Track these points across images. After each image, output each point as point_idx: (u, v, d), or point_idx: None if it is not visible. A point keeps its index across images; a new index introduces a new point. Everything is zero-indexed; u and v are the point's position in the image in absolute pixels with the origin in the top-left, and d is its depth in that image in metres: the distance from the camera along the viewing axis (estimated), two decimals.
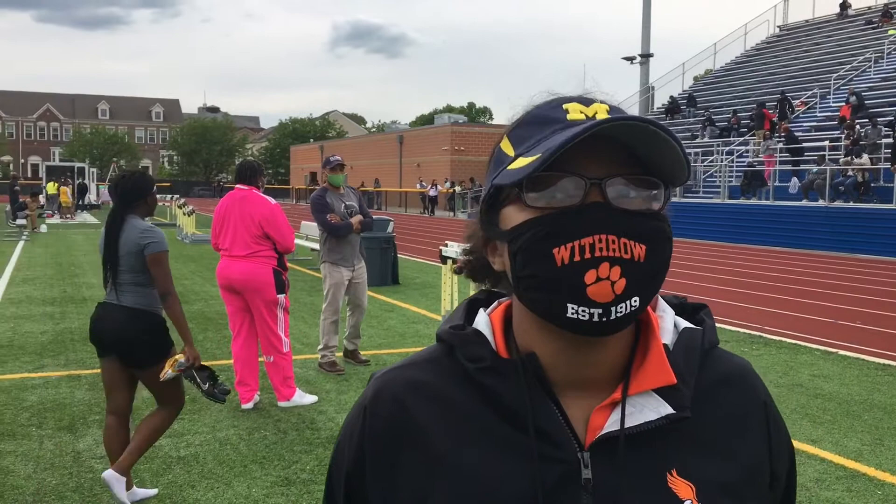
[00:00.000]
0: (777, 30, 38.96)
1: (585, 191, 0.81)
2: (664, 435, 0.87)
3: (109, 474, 4.07)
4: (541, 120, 0.87)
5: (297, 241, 16.08)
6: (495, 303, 0.98)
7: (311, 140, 73.88)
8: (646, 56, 38.17)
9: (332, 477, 0.99)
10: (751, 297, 11.61)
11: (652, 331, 0.91)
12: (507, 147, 0.89)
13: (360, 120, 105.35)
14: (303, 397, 6.06)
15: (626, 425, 0.86)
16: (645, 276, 0.82)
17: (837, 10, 36.54)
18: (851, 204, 19.80)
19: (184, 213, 22.80)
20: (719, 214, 22.79)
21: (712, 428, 0.90)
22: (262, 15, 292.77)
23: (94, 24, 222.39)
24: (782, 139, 24.31)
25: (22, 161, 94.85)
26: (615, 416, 0.86)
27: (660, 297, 0.96)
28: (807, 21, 37.90)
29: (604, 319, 0.81)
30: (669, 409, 0.87)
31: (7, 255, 17.31)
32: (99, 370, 4.40)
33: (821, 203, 20.35)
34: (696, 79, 39.61)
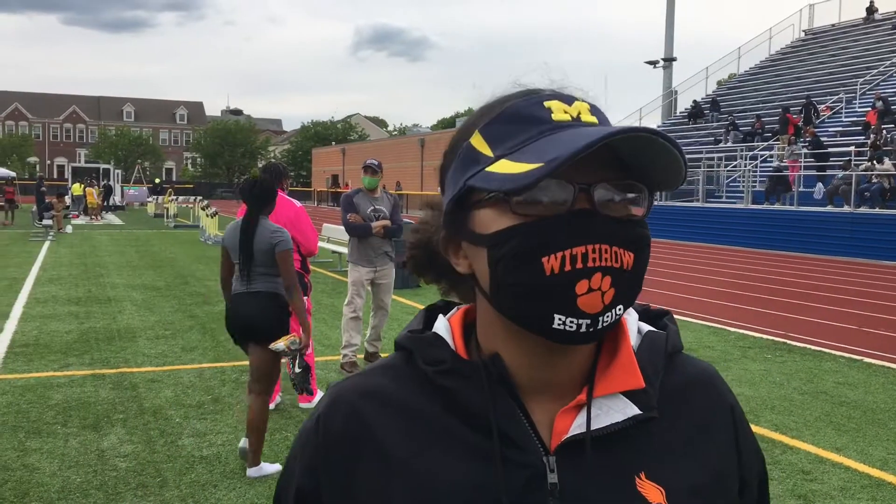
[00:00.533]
0: (803, 34, 38.63)
1: (573, 197, 0.78)
2: (632, 437, 0.85)
3: (254, 471, 4.58)
4: (522, 118, 0.82)
5: (319, 243, 16.18)
6: (454, 308, 0.95)
7: (333, 143, 74.16)
8: (669, 60, 37.99)
9: (280, 495, 0.94)
10: (775, 303, 11.51)
11: (623, 332, 0.88)
12: (480, 145, 0.83)
13: (381, 123, 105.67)
14: None
15: (592, 427, 0.83)
16: (630, 284, 0.81)
17: (864, 14, 36.17)
18: (877, 210, 19.57)
19: (207, 215, 22.96)
20: (742, 220, 22.60)
21: (680, 431, 0.88)
22: (285, 18, 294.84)
23: (120, 27, 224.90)
24: (807, 144, 24.08)
25: (48, 162, 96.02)
26: (580, 418, 0.84)
27: None
28: (833, 25, 37.54)
29: (591, 330, 0.78)
30: (636, 410, 0.85)
31: (33, 256, 17.53)
32: (124, 370, 4.44)
33: (846, 209, 20.13)
34: (719, 83, 39.33)
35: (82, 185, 37.04)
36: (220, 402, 6.08)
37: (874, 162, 20.34)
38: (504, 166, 0.78)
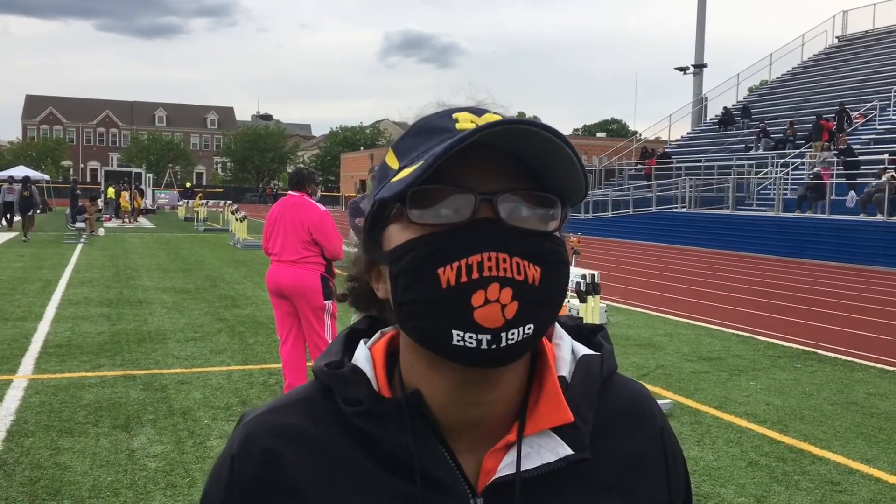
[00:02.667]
0: (836, 41, 38.19)
1: (475, 207, 0.74)
2: (563, 477, 0.81)
3: None
4: (428, 130, 0.80)
5: (344, 247, 16.24)
6: (377, 333, 0.89)
7: (362, 148, 74.57)
8: (699, 66, 37.74)
9: None
10: (805, 312, 11.37)
11: (546, 363, 0.83)
12: (391, 160, 0.82)
13: None
14: None
15: (522, 468, 0.79)
16: (540, 302, 0.75)
17: None
18: None
19: (236, 219, 23.17)
20: (773, 228, 22.35)
21: (612, 466, 0.84)
22: (315, 25, 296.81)
23: (153, 33, 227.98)
24: (838, 152, 23.78)
25: (81, 166, 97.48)
26: (509, 457, 0.80)
27: (556, 324, 0.88)
28: (867, 32, 37.08)
29: (493, 346, 0.73)
30: (568, 451, 0.80)
31: (66, 258, 17.80)
32: (154, 371, 4.49)
33: (879, 217, 19.84)
34: (750, 90, 39.01)
35: (115, 189, 37.56)
36: (248, 405, 6.13)
37: (893, 175, 20.01)
38: (401, 174, 0.77)
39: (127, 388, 6.53)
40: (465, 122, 0.78)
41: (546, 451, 0.80)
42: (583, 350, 0.87)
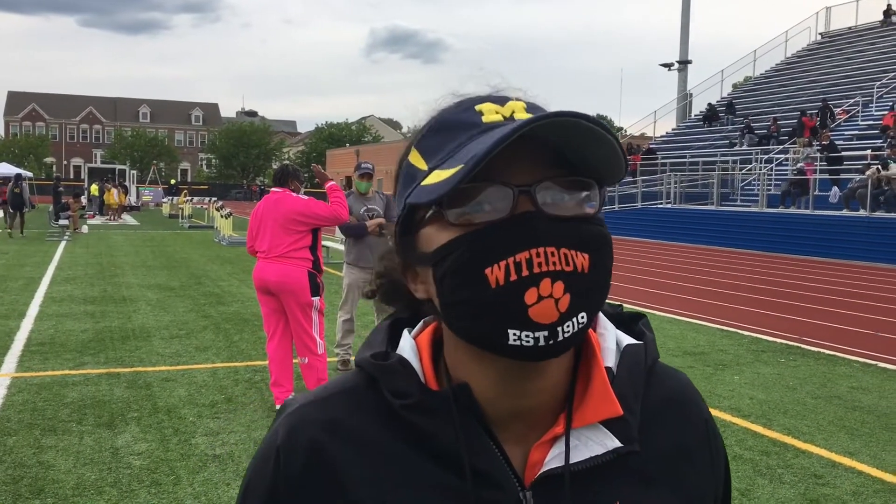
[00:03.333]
0: (819, 37, 38.44)
1: (513, 200, 0.73)
2: (611, 470, 0.80)
3: None
4: (452, 125, 0.78)
5: (330, 244, 16.26)
6: (421, 323, 0.87)
7: (347, 144, 74.37)
8: (684, 63, 37.89)
9: None
10: (789, 307, 11.46)
11: (594, 354, 0.82)
12: (417, 160, 0.79)
13: (395, 125, 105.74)
14: None
15: (571, 461, 0.78)
16: (591, 289, 0.74)
17: (881, 17, 35.94)
18: (894, 214, 19.43)
19: (221, 216, 23.08)
20: (758, 223, 22.48)
21: (659, 457, 0.84)
22: (300, 21, 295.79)
23: (137, 29, 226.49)
24: (821, 148, 23.94)
25: (65, 163, 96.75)
26: (556, 450, 0.79)
27: (600, 314, 0.87)
28: (849, 28, 37.34)
29: (550, 342, 0.72)
30: (617, 443, 0.80)
31: (50, 255, 17.67)
32: (138, 369, 4.47)
33: (862, 213, 20.01)
34: (735, 86, 39.22)
35: (101, 186, 37.30)
36: (234, 402, 6.12)
37: (878, 168, 20.18)
38: (435, 177, 0.74)
39: (111, 386, 6.50)
40: (491, 114, 0.77)
41: (594, 443, 0.80)
42: (626, 339, 0.86)
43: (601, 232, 0.76)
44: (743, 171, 26.58)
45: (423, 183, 0.76)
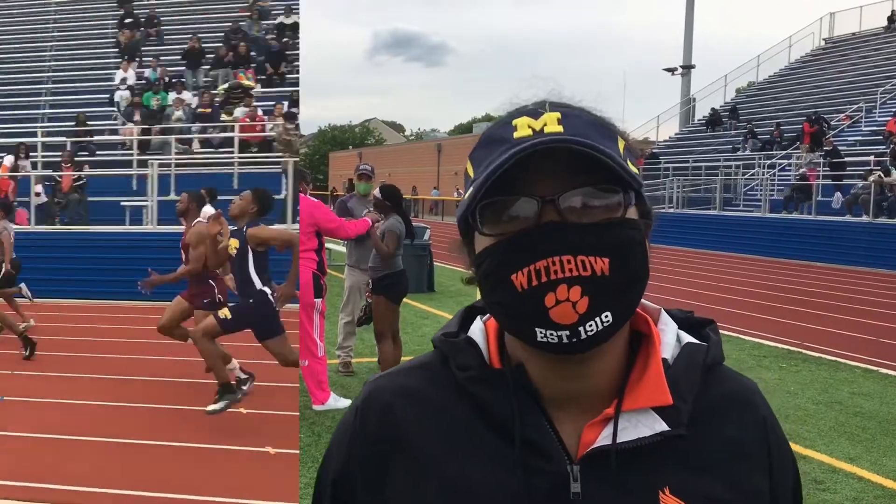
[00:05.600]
0: (822, 42, 38.40)
1: (538, 211, 0.80)
2: (659, 452, 0.85)
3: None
4: (491, 140, 0.85)
5: (332, 246, 16.22)
6: None
7: (350, 147, 74.40)
8: (687, 67, 37.88)
9: (320, 482, 0.98)
10: (791, 312, 11.44)
11: (652, 345, 0.88)
12: (469, 169, 0.88)
13: (398, 128, 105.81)
14: (337, 401, 6.12)
15: (619, 440, 0.84)
16: (613, 290, 0.80)
17: (885, 23, 35.90)
18: None
19: None
20: (760, 228, 22.45)
21: (711, 448, 0.88)
22: (303, 23, 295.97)
23: None
24: (825, 153, 23.91)
25: None
26: (607, 430, 0.84)
27: (663, 311, 0.93)
28: (853, 34, 37.26)
29: (573, 340, 0.79)
30: (664, 426, 0.85)
31: None
32: None
33: (865, 219, 19.98)
34: (738, 91, 39.17)
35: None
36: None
37: (880, 175, 20.15)
38: (469, 192, 0.84)
39: None
40: (523, 129, 0.82)
41: (643, 426, 0.85)
42: (689, 339, 0.91)
43: (627, 235, 0.81)
44: (746, 176, 26.54)
45: (466, 194, 0.85)
